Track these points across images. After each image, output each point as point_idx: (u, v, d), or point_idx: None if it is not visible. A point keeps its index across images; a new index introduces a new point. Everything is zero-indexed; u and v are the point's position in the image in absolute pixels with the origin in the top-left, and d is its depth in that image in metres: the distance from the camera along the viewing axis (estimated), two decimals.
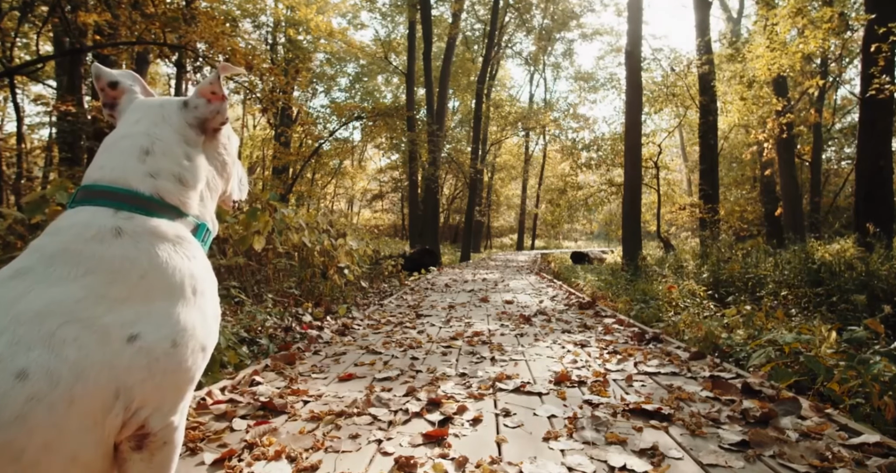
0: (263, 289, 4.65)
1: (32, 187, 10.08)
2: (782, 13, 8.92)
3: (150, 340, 0.76)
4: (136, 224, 0.83)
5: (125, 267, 0.79)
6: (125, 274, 0.78)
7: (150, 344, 0.76)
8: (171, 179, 0.90)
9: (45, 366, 0.68)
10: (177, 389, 0.81)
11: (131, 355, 0.74)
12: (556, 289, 7.38)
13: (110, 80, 0.98)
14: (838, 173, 19.40)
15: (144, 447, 0.79)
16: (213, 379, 2.24)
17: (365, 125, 17.42)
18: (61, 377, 0.68)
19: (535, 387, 2.22)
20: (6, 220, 2.95)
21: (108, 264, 0.78)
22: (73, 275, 0.76)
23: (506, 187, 34.07)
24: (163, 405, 0.79)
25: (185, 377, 0.81)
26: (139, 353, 0.75)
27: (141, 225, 0.83)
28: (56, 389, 0.68)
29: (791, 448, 1.55)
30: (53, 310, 0.71)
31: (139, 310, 0.77)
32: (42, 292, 0.73)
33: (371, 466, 1.45)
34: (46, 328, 0.70)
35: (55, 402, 0.68)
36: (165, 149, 0.91)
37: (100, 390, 0.72)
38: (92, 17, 6.20)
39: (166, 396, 0.80)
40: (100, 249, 0.79)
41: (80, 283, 0.75)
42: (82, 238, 0.79)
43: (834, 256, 5.66)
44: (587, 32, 27.99)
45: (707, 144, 12.56)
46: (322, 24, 13.39)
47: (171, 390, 0.80)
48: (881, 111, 6.95)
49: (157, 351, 0.76)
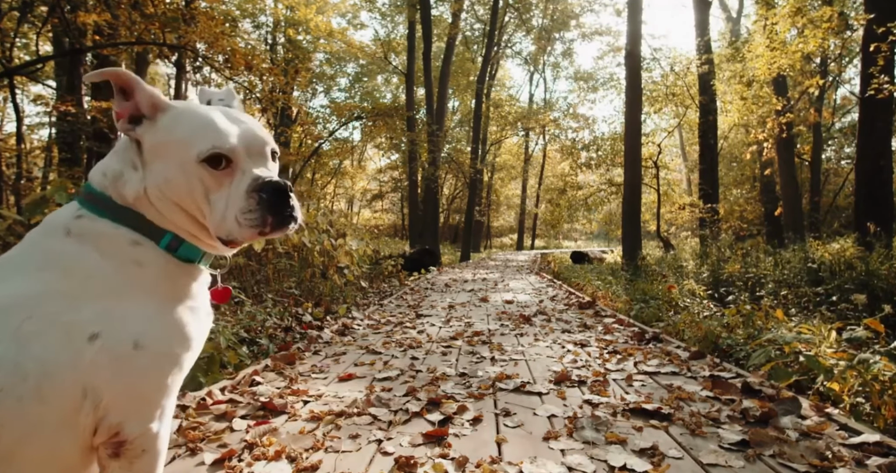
0: (263, 289, 4.65)
1: (32, 188, 10.07)
2: (782, 13, 8.92)
3: (111, 340, 0.75)
4: (84, 223, 0.82)
5: (71, 265, 0.78)
6: (73, 273, 0.78)
7: (111, 344, 0.74)
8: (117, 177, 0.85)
9: (14, 360, 0.69)
10: (145, 394, 0.79)
11: (94, 353, 0.73)
12: (555, 289, 7.38)
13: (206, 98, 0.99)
14: (838, 173, 19.37)
15: (122, 454, 0.78)
16: (213, 379, 2.24)
17: (364, 125, 17.43)
18: (29, 371, 0.69)
19: (535, 387, 2.22)
20: (6, 221, 2.96)
21: (56, 261, 0.78)
22: (30, 268, 0.77)
23: (506, 187, 34.06)
24: (136, 411, 0.78)
25: (152, 382, 0.79)
26: (101, 352, 0.74)
27: (88, 225, 0.81)
28: (25, 383, 0.69)
29: (791, 447, 1.55)
30: (16, 303, 0.72)
31: (97, 309, 0.76)
32: (5, 285, 0.75)
33: (371, 466, 1.45)
34: (13, 322, 0.71)
35: (24, 396, 0.68)
36: (119, 148, 0.89)
37: (66, 387, 0.72)
38: (91, 17, 6.19)
39: (137, 401, 0.78)
40: (51, 244, 0.80)
41: (36, 277, 0.76)
42: (42, 232, 0.82)
43: (834, 255, 5.65)
44: (587, 32, 27.96)
45: (707, 144, 12.56)
46: (322, 24, 13.40)
47: (140, 394, 0.78)
48: (881, 111, 6.95)
49: (119, 351, 0.75)
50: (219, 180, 0.83)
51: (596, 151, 16.61)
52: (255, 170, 0.84)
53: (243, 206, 0.81)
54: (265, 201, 0.81)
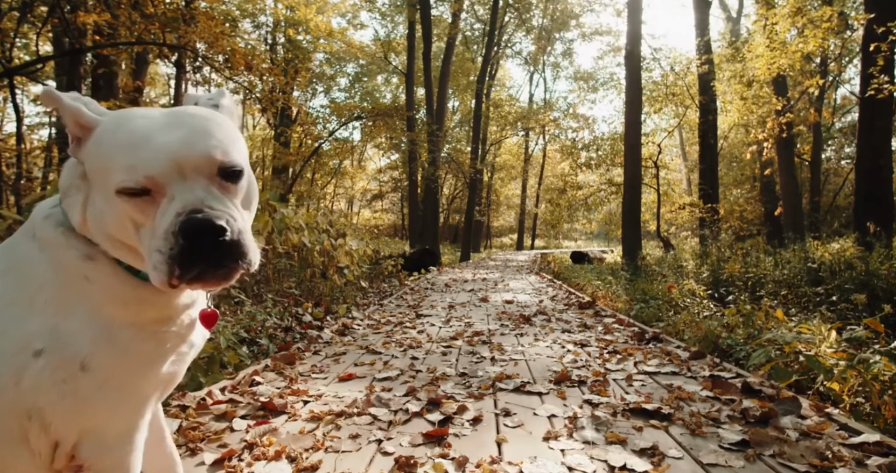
0: (263, 289, 4.65)
1: (32, 188, 10.07)
2: (782, 13, 8.92)
3: (57, 358, 0.68)
4: (47, 227, 0.76)
5: (28, 273, 0.74)
6: (28, 281, 0.73)
7: (56, 363, 0.68)
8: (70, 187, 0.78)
9: None
10: (96, 419, 0.72)
11: (37, 371, 0.68)
12: (555, 289, 7.38)
13: (192, 102, 0.89)
14: (838, 173, 19.38)
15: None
16: (213, 379, 2.24)
17: (364, 125, 17.42)
18: None
19: (535, 387, 2.22)
20: (6, 221, 2.95)
21: (17, 265, 0.75)
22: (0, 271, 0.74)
23: (506, 187, 34.05)
24: (89, 436, 0.72)
25: (103, 407, 0.72)
26: (44, 371, 0.68)
27: (49, 231, 0.76)
28: None
29: (791, 447, 1.55)
30: None
31: (45, 323, 0.70)
32: None
33: (371, 466, 1.45)
34: None
35: None
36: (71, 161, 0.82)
37: (10, 405, 0.67)
38: (91, 17, 6.19)
39: (87, 425, 0.71)
40: (18, 246, 0.77)
41: (1, 281, 0.73)
42: (22, 229, 0.79)
43: (834, 255, 5.65)
44: (586, 32, 27.97)
45: (707, 144, 12.56)
46: (322, 24, 13.37)
47: (90, 418, 0.71)
48: (881, 111, 6.95)
49: (64, 372, 0.69)
50: (144, 211, 0.68)
51: (596, 151, 16.62)
52: (186, 195, 0.67)
53: (161, 246, 0.65)
54: (179, 246, 0.64)
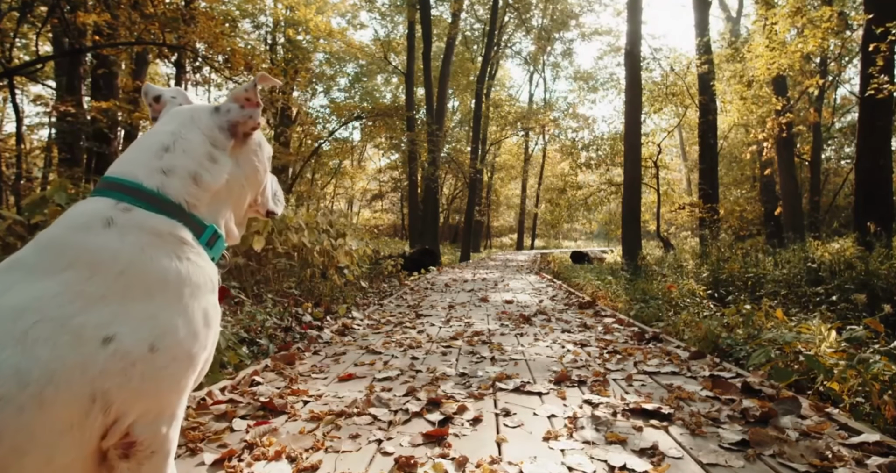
0: (263, 289, 4.65)
1: (32, 188, 10.08)
2: (781, 13, 8.92)
3: (126, 343, 0.73)
4: (130, 217, 0.81)
5: (104, 260, 0.77)
6: (104, 268, 0.76)
7: (125, 347, 0.73)
8: (183, 176, 0.89)
9: (16, 366, 0.66)
10: (159, 397, 0.78)
11: (105, 358, 0.71)
12: (555, 289, 7.38)
13: (154, 95, 1.04)
14: (838, 173, 19.37)
15: (131, 455, 0.77)
16: (213, 379, 2.24)
17: (364, 125, 17.41)
18: (31, 378, 0.67)
19: (535, 387, 2.22)
20: (6, 221, 2.95)
21: (89, 256, 0.76)
22: (55, 268, 0.75)
23: (505, 187, 34.06)
24: (147, 412, 0.77)
25: (166, 385, 0.78)
26: (114, 356, 0.72)
27: (134, 218, 0.81)
28: (25, 390, 0.66)
29: (791, 447, 1.55)
30: (30, 306, 0.70)
31: (116, 310, 0.74)
32: (24, 286, 0.72)
33: (371, 466, 1.45)
34: (20, 327, 0.68)
35: (24, 404, 0.66)
36: (187, 147, 0.91)
37: (73, 393, 0.69)
38: (91, 17, 6.19)
39: (149, 403, 0.77)
40: (85, 239, 0.78)
41: (59, 278, 0.74)
42: (73, 226, 0.80)
43: (834, 255, 5.65)
44: (586, 32, 27.94)
45: (706, 144, 12.56)
46: (321, 25, 13.37)
47: (153, 397, 0.77)
48: (880, 110, 6.95)
49: (134, 355, 0.73)
50: None
51: (596, 151, 16.61)
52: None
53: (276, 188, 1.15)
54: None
